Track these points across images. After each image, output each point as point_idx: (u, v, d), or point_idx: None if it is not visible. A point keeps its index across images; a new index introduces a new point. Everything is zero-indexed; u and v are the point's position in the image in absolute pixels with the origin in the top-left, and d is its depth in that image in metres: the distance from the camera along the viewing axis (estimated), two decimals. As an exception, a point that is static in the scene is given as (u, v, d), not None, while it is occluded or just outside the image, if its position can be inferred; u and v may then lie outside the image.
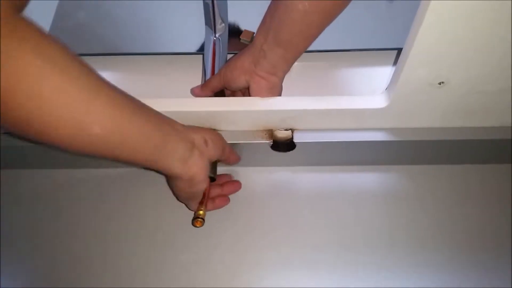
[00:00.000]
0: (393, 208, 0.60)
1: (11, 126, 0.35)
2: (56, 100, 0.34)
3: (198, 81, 0.67)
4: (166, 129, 0.45)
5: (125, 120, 0.40)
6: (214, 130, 0.56)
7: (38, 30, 0.34)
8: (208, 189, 0.54)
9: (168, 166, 0.46)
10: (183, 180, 0.48)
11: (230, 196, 0.59)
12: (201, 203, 0.53)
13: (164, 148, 0.45)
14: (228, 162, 0.57)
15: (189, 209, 0.56)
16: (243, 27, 0.72)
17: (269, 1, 0.51)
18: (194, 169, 0.48)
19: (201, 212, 0.52)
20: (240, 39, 0.71)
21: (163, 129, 0.45)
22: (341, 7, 0.47)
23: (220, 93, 0.61)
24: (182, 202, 0.56)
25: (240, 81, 0.55)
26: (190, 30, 0.72)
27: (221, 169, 0.60)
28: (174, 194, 0.55)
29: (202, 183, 0.50)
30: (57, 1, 0.78)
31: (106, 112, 0.38)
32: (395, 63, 0.68)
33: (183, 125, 0.48)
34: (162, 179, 0.60)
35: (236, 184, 0.60)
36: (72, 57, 0.36)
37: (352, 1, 0.47)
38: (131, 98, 0.42)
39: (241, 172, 0.62)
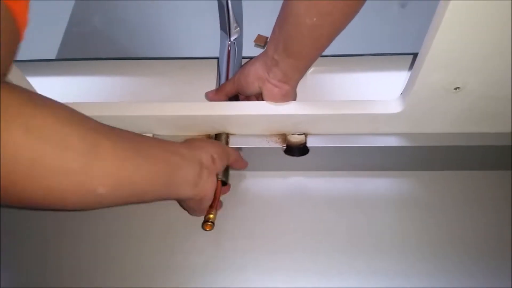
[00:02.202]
0: (405, 213, 0.59)
1: (15, 204, 0.34)
2: (57, 174, 0.33)
3: (212, 86, 0.67)
4: (172, 160, 0.44)
5: (129, 170, 0.38)
6: (216, 140, 0.56)
7: (21, 97, 0.32)
8: (219, 193, 0.54)
9: (180, 194, 0.46)
10: (194, 200, 0.49)
11: (244, 201, 0.59)
12: (211, 206, 0.53)
13: (174, 181, 0.44)
14: (235, 168, 0.57)
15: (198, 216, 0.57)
16: (257, 31, 0.73)
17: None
18: (205, 190, 0.48)
19: (211, 215, 0.52)
20: (254, 43, 0.71)
21: (169, 161, 0.44)
22: (350, 19, 0.46)
23: (234, 97, 0.62)
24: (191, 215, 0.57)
25: (253, 87, 0.55)
26: (205, 35, 0.72)
27: (233, 173, 0.60)
28: (184, 209, 0.55)
29: (211, 197, 0.51)
30: (72, 6, 0.80)
31: (108, 171, 0.36)
32: (410, 68, 0.67)
33: (186, 145, 0.48)
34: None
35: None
36: (62, 119, 0.34)
37: (364, 5, 0.47)
38: (131, 139, 0.41)
39: (254, 177, 0.62)
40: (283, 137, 0.57)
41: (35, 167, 0.32)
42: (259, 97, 0.57)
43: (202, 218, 0.54)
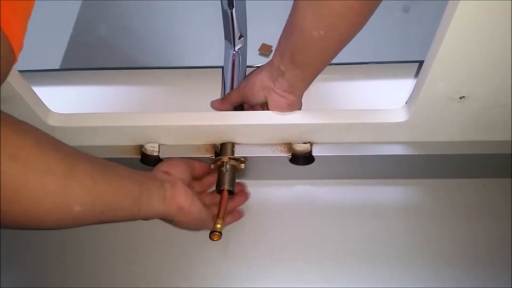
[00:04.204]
0: (412, 221, 0.59)
1: None
2: (39, 196, 0.36)
3: (217, 95, 0.68)
4: (138, 178, 0.47)
5: (102, 188, 0.41)
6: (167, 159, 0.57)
7: (7, 128, 0.34)
8: (225, 203, 0.54)
9: (152, 210, 0.47)
10: (176, 215, 0.50)
11: (250, 210, 0.59)
12: (218, 217, 0.53)
13: (143, 197, 0.46)
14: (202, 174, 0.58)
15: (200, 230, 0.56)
16: (262, 40, 0.73)
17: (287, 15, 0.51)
18: (176, 199, 0.49)
19: (218, 226, 0.52)
20: (258, 52, 0.72)
21: (136, 179, 0.46)
22: (357, 30, 0.46)
23: (240, 106, 0.62)
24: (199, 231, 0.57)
25: (259, 96, 0.55)
26: (210, 44, 0.73)
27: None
28: (186, 229, 0.55)
29: (194, 207, 0.51)
30: (76, 15, 0.80)
31: (83, 190, 0.39)
32: (415, 76, 0.67)
33: (145, 171, 0.50)
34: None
35: (244, 195, 0.61)
36: (43, 146, 0.36)
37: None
38: (101, 162, 0.43)
39: (259, 186, 0.62)
40: (289, 146, 0.57)
41: (20, 192, 0.34)
42: (264, 106, 0.57)
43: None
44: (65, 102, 0.68)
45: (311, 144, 0.57)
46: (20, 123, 0.36)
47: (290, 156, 0.56)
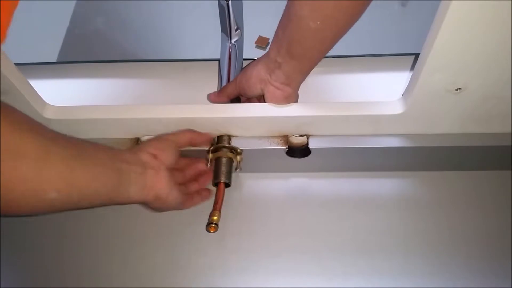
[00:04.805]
0: (409, 214, 0.59)
1: None
2: (13, 182, 0.35)
3: (214, 87, 0.68)
4: (117, 165, 0.46)
5: (78, 174, 0.40)
6: (161, 135, 0.55)
7: None
8: (222, 195, 0.54)
9: (130, 197, 0.47)
10: (152, 202, 0.50)
11: (246, 202, 0.60)
12: (214, 209, 0.53)
13: (121, 184, 0.45)
14: (200, 145, 0.56)
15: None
16: (258, 32, 0.73)
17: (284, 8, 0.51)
18: (156, 188, 0.49)
19: (215, 217, 0.53)
20: (255, 45, 0.71)
21: (114, 166, 0.45)
22: (353, 21, 0.46)
23: (236, 99, 0.62)
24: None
25: (255, 89, 0.55)
26: (206, 37, 0.72)
27: (235, 175, 0.60)
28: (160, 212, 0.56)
29: (171, 196, 0.51)
30: (72, 8, 0.80)
31: (58, 176, 0.38)
32: (411, 68, 0.67)
33: (129, 150, 0.50)
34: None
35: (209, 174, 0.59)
36: (17, 127, 0.36)
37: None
38: (79, 145, 0.42)
39: (256, 178, 0.62)
40: (285, 138, 0.57)
41: None
42: (261, 99, 0.57)
43: (206, 219, 0.54)
44: (62, 95, 0.67)
45: (308, 136, 0.57)
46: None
47: (287, 149, 0.57)
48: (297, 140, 0.56)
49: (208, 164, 0.57)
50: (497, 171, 0.61)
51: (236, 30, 0.68)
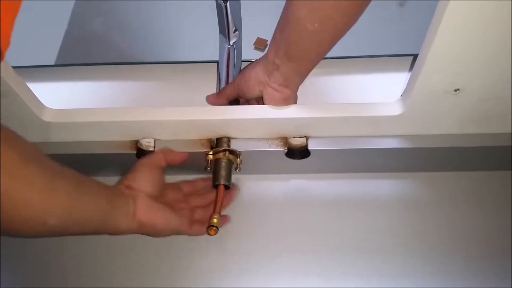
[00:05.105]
0: (408, 214, 0.59)
1: None
2: (19, 206, 0.37)
3: (213, 89, 0.68)
4: (107, 195, 0.48)
5: (75, 206, 0.43)
6: (134, 164, 0.54)
7: None
8: (221, 197, 0.54)
9: (120, 228, 0.48)
10: (140, 231, 0.50)
11: (246, 204, 0.60)
12: (214, 211, 0.53)
13: (110, 213, 0.47)
14: (174, 163, 0.56)
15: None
16: (257, 34, 0.73)
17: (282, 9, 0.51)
18: (137, 216, 0.49)
19: (215, 220, 0.52)
20: (253, 46, 0.71)
21: (106, 196, 0.47)
22: (352, 23, 0.45)
23: (235, 101, 0.62)
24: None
25: (254, 91, 0.55)
26: (205, 39, 0.72)
27: (234, 177, 0.60)
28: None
29: (158, 219, 0.51)
30: (70, 10, 0.80)
31: (59, 204, 0.41)
32: (410, 69, 0.67)
33: (118, 183, 0.52)
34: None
35: (232, 194, 0.60)
36: (27, 159, 0.38)
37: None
38: (77, 178, 0.44)
39: (255, 180, 0.62)
40: (284, 140, 0.57)
41: (4, 201, 0.36)
42: (259, 100, 0.57)
43: (206, 222, 0.54)
44: (60, 98, 0.67)
45: (307, 138, 0.57)
46: (6, 132, 0.37)
47: (286, 150, 0.56)
48: (297, 142, 0.56)
49: (208, 167, 0.57)
50: (497, 172, 0.61)
51: (235, 31, 0.68)
